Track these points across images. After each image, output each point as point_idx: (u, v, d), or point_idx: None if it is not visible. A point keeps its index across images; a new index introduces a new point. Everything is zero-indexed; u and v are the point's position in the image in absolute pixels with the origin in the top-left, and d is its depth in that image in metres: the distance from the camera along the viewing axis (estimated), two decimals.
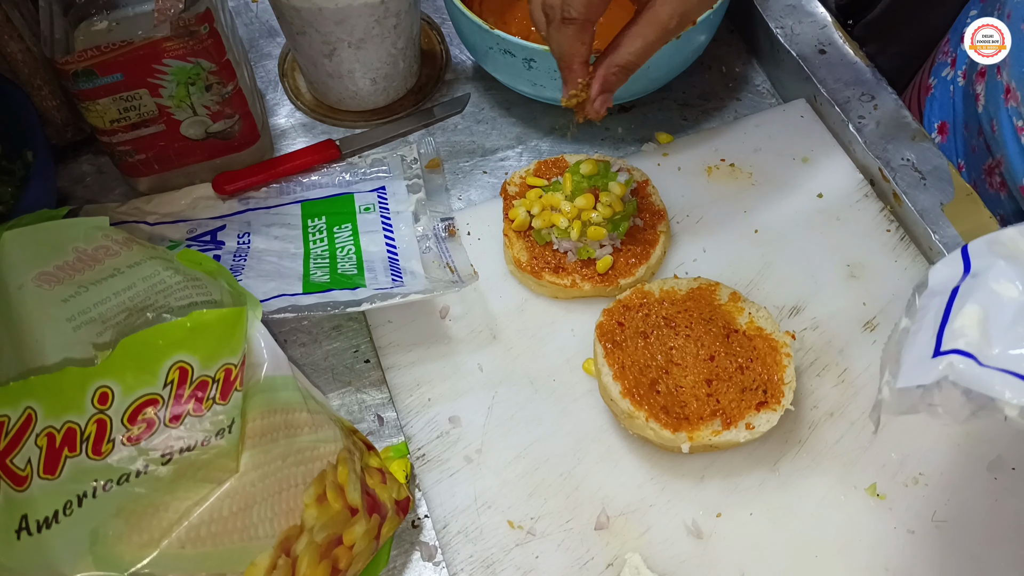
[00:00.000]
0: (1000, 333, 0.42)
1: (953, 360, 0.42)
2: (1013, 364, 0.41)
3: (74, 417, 0.45)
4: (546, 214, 0.67)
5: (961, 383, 0.42)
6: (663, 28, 0.56)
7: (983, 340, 0.42)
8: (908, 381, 0.44)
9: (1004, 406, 0.41)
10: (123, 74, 0.64)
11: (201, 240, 0.70)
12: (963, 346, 0.42)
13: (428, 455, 0.62)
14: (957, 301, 0.44)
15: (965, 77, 0.80)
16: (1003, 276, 0.44)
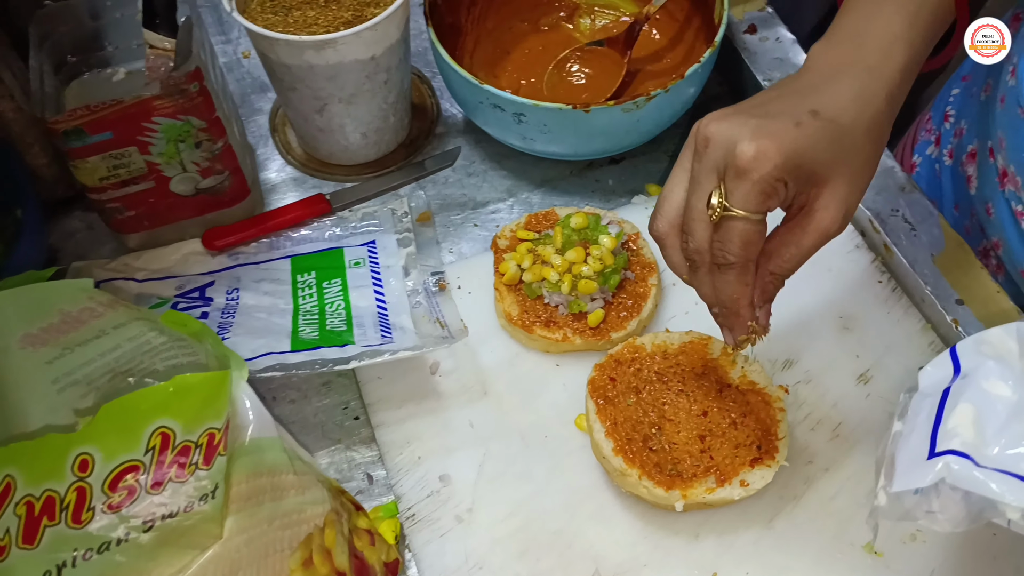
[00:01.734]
0: (995, 433, 0.42)
1: (949, 461, 0.42)
2: (1011, 464, 0.41)
3: (54, 485, 0.44)
4: (536, 268, 0.67)
5: (959, 485, 0.41)
6: (825, 235, 0.49)
7: (978, 440, 0.42)
8: (904, 485, 0.43)
9: (1006, 509, 0.40)
10: (113, 132, 0.64)
11: (190, 296, 0.69)
12: (958, 446, 0.42)
13: (418, 515, 0.61)
14: (949, 401, 0.44)
15: (952, 157, 0.79)
16: (993, 375, 0.44)
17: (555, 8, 0.86)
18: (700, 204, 0.48)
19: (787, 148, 0.46)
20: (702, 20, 0.80)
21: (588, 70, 0.81)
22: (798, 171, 0.47)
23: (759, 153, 0.45)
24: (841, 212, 0.49)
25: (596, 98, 0.79)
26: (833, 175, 0.48)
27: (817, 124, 0.47)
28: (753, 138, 0.45)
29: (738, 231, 0.47)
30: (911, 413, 0.46)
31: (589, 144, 0.74)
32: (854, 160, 0.49)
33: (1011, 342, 0.45)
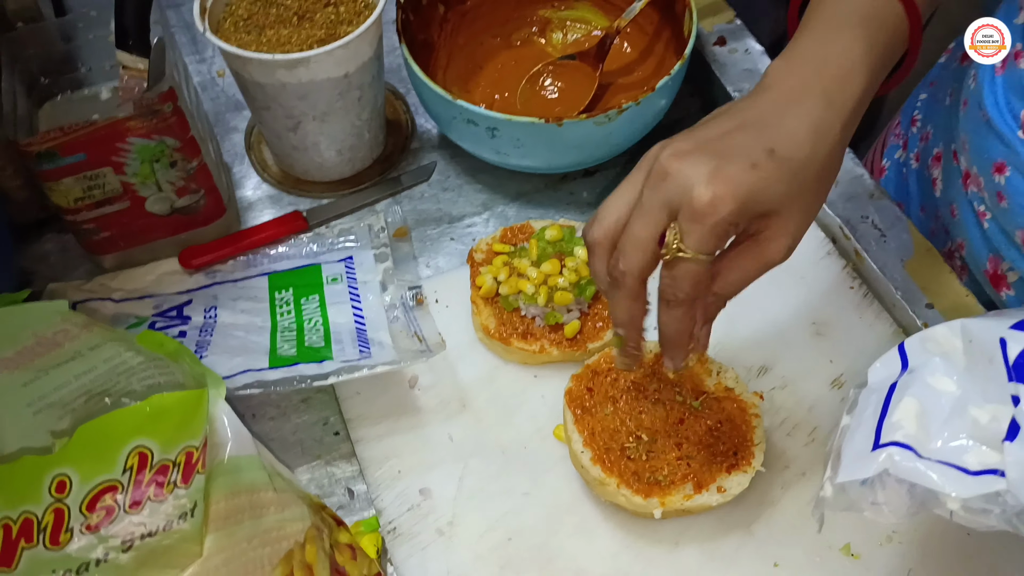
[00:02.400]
0: (938, 427, 0.43)
1: (892, 452, 0.43)
2: (953, 456, 0.42)
3: (31, 507, 0.44)
4: (513, 280, 0.67)
5: (901, 476, 0.42)
6: (770, 264, 0.50)
7: (922, 433, 0.43)
8: (848, 475, 0.44)
9: (946, 499, 0.41)
10: (87, 154, 0.64)
11: (167, 316, 0.69)
12: (901, 438, 0.43)
13: (399, 529, 0.61)
14: (895, 396, 0.45)
15: (919, 160, 0.80)
16: (938, 371, 0.45)
17: (527, 23, 0.87)
18: (643, 232, 0.48)
19: (743, 193, 0.46)
20: (672, 33, 0.81)
21: (561, 84, 0.82)
22: (752, 212, 0.48)
23: (715, 199, 0.46)
24: (788, 243, 0.50)
25: (569, 112, 0.79)
26: (784, 209, 0.49)
27: (772, 165, 0.47)
28: (710, 183, 0.46)
29: (691, 272, 0.48)
30: (859, 408, 0.47)
31: (563, 157, 0.74)
32: (806, 195, 0.50)
33: (956, 339, 0.46)
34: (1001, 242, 0.69)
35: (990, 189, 0.67)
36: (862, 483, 0.44)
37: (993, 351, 0.44)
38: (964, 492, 0.41)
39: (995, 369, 0.43)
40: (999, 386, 0.43)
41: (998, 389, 0.43)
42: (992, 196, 0.67)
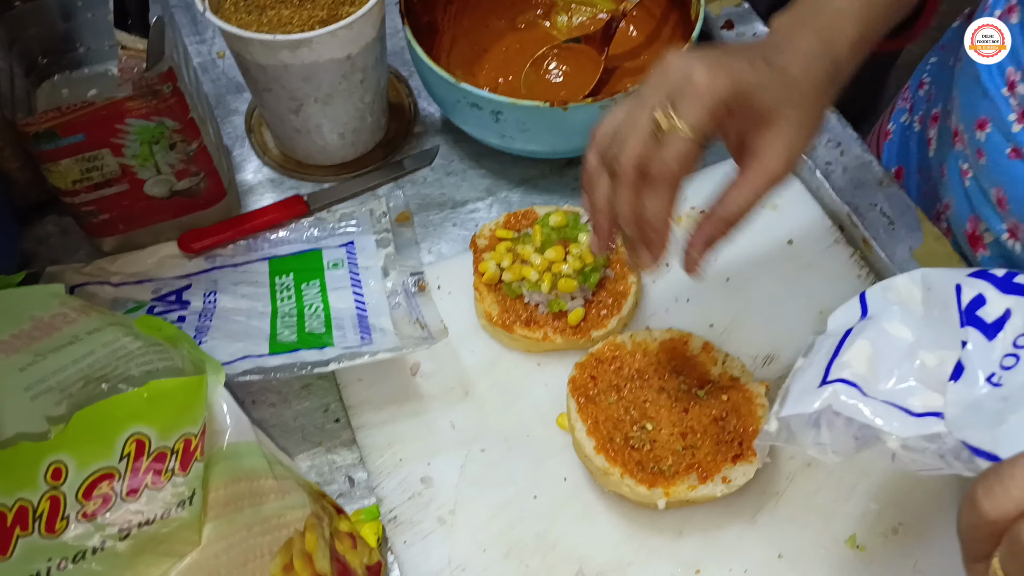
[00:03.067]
0: (888, 369, 0.43)
1: (837, 388, 0.43)
2: (898, 398, 0.42)
3: (26, 494, 0.43)
4: (516, 267, 0.66)
5: (843, 412, 0.42)
6: (772, 175, 0.52)
7: (870, 374, 0.43)
8: (793, 409, 0.44)
9: (887, 439, 0.41)
10: (85, 134, 0.63)
11: (167, 300, 0.68)
12: (848, 376, 0.43)
13: (400, 517, 0.60)
14: (849, 339, 0.45)
15: (921, 122, 0.81)
16: (895, 319, 0.45)
17: (532, 6, 0.86)
18: (642, 118, 0.50)
19: (737, 78, 0.49)
20: (679, 16, 0.80)
21: (566, 68, 0.81)
22: (746, 103, 0.50)
23: (713, 78, 0.49)
24: (785, 154, 0.52)
25: (574, 96, 0.78)
26: (778, 118, 0.51)
27: (767, 69, 0.51)
28: (708, 67, 0.49)
29: (679, 145, 0.49)
30: (814, 351, 0.47)
31: (567, 142, 0.73)
32: (800, 107, 0.52)
33: (916, 289, 0.46)
34: (980, 201, 0.69)
35: (972, 146, 0.68)
36: (807, 418, 0.44)
37: (948, 298, 0.44)
38: (905, 432, 0.41)
39: (949, 315, 0.44)
40: (951, 332, 0.43)
41: (950, 335, 0.43)
42: (974, 153, 0.68)
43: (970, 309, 0.43)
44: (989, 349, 0.41)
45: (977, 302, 0.43)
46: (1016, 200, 0.65)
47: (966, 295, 0.44)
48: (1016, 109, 0.64)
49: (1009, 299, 0.43)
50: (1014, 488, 0.34)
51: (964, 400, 0.41)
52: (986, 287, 0.44)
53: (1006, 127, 0.65)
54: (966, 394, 0.41)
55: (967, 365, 0.41)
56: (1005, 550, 0.35)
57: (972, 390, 0.41)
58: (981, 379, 0.41)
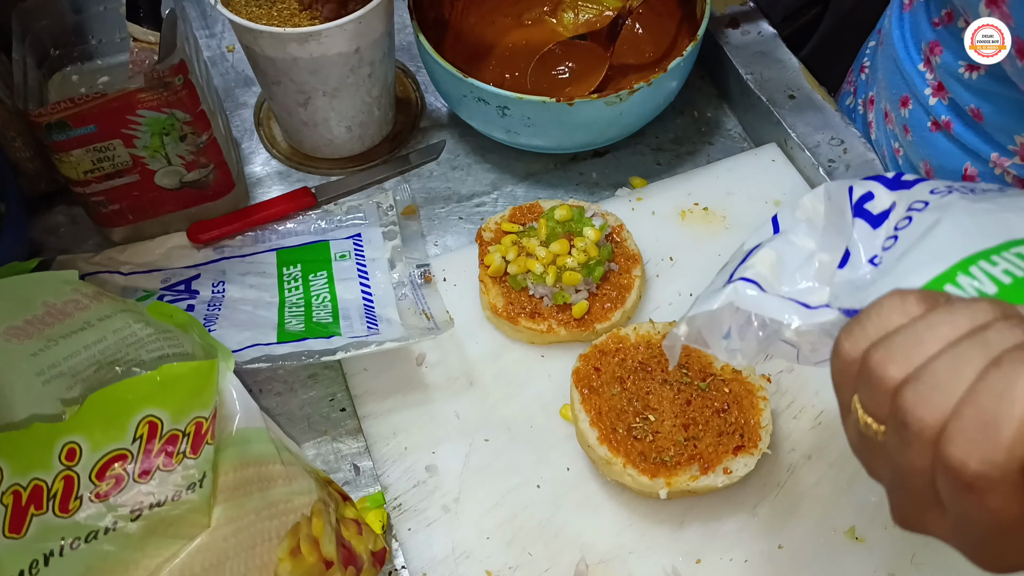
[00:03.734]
0: (789, 273, 0.45)
1: (738, 285, 0.44)
2: (796, 296, 0.43)
3: (41, 474, 0.44)
4: (521, 260, 0.67)
5: (743, 306, 0.43)
6: None
7: (772, 277, 0.45)
8: (699, 308, 0.45)
9: (785, 330, 0.42)
10: (96, 125, 0.64)
11: (175, 289, 0.69)
12: (750, 275, 0.44)
13: (405, 505, 0.61)
14: (756, 250, 0.46)
15: (864, 105, 0.83)
16: (802, 232, 0.47)
17: (538, 2, 0.87)
18: None
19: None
20: (684, 14, 0.80)
21: (572, 64, 0.81)
22: None
23: None
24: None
25: (579, 92, 0.79)
26: None
27: None
28: None
29: None
30: (725, 267, 0.48)
31: (573, 137, 0.74)
32: None
33: (820, 204, 0.47)
34: None
35: (899, 124, 0.70)
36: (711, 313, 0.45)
37: (843, 202, 0.45)
38: (800, 321, 0.42)
39: (844, 218, 0.45)
40: (845, 232, 0.44)
41: (844, 234, 0.44)
42: (901, 130, 0.70)
43: (859, 204, 0.45)
44: (873, 236, 0.43)
45: (865, 198, 0.45)
46: (941, 170, 0.68)
47: (857, 193, 0.45)
48: (931, 83, 0.67)
49: (894, 194, 0.44)
50: (869, 325, 0.35)
51: (848, 281, 0.42)
52: (875, 186, 0.45)
53: (924, 101, 0.67)
54: (851, 276, 0.42)
55: (852, 252, 0.43)
56: (860, 381, 0.35)
57: (856, 272, 0.42)
58: (864, 261, 0.42)
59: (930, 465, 0.32)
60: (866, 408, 0.35)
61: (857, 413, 0.35)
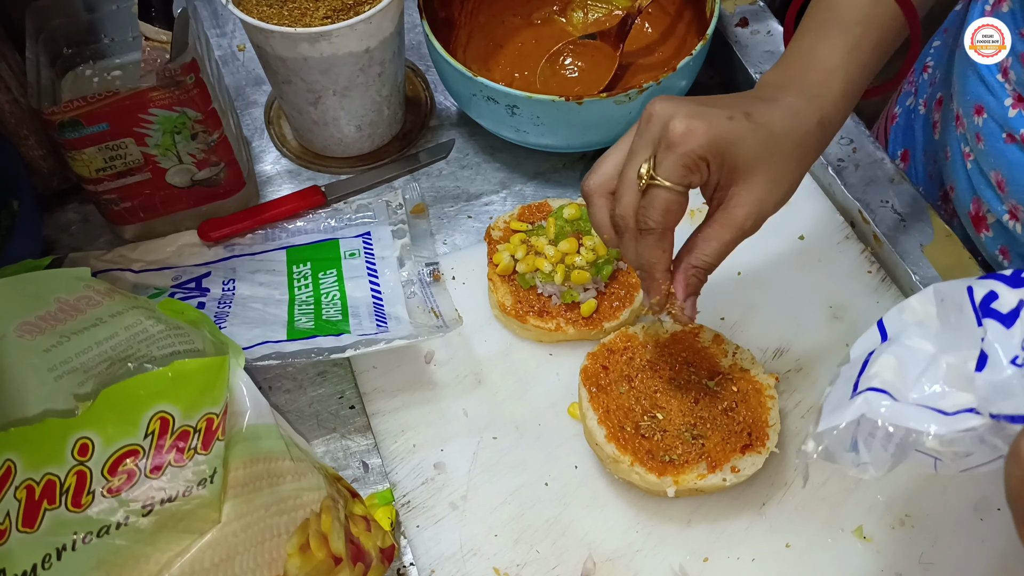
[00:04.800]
0: (915, 377, 0.44)
1: (869, 396, 0.43)
2: (929, 401, 0.43)
3: (54, 469, 0.44)
4: (530, 258, 0.67)
5: (877, 417, 0.43)
6: (739, 230, 0.53)
7: (899, 383, 0.44)
8: (828, 423, 0.44)
9: (925, 438, 0.41)
10: (109, 124, 0.64)
11: (186, 287, 0.70)
12: (878, 384, 0.44)
13: (413, 502, 0.61)
14: (873, 357, 0.46)
15: (926, 105, 0.82)
16: (916, 335, 0.45)
17: (548, 2, 0.87)
18: (632, 173, 0.52)
19: (714, 132, 0.50)
20: (694, 13, 0.80)
21: (581, 63, 0.81)
22: (721, 157, 0.51)
23: (688, 130, 0.49)
24: (755, 210, 0.52)
25: (589, 91, 0.79)
26: (752, 174, 0.52)
27: (748, 124, 0.51)
28: (687, 117, 0.50)
29: (661, 199, 0.51)
30: (840, 377, 0.47)
31: (582, 136, 0.74)
32: (776, 165, 0.52)
33: (930, 306, 0.47)
34: (980, 183, 0.70)
35: (971, 130, 0.69)
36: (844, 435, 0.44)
37: (962, 302, 0.44)
38: (941, 429, 0.41)
39: (965, 318, 0.44)
40: (970, 332, 0.43)
41: (969, 335, 0.43)
42: (972, 137, 0.69)
43: (984, 303, 0.44)
44: (1009, 336, 0.42)
45: (990, 297, 0.44)
46: (1014, 183, 0.66)
47: (978, 294, 0.44)
48: (1011, 94, 0.65)
49: (1020, 292, 0.43)
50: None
51: (992, 384, 0.41)
52: (996, 284, 0.44)
53: (1001, 112, 0.66)
54: (993, 379, 0.41)
55: (990, 354, 0.42)
56: None
57: (999, 374, 0.41)
58: (1005, 362, 0.41)
59: None
60: None
61: None
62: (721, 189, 0.53)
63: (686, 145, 0.49)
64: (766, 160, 0.52)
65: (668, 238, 0.53)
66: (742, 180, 0.52)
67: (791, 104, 0.53)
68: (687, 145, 0.49)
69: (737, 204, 0.52)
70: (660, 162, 0.50)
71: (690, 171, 0.50)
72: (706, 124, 0.49)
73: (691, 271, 0.54)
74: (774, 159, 0.52)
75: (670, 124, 0.50)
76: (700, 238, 0.54)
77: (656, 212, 0.51)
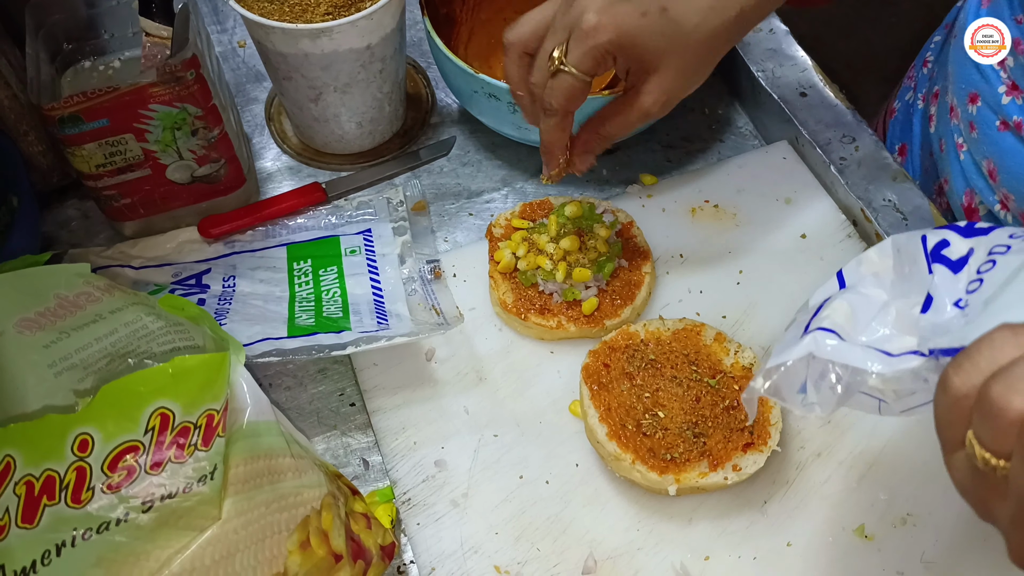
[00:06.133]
0: (865, 322, 0.44)
1: (817, 335, 0.44)
2: (876, 344, 0.43)
3: (53, 465, 0.44)
4: (531, 256, 0.67)
5: (824, 355, 0.43)
6: (644, 115, 0.59)
7: (849, 326, 0.44)
8: (776, 360, 0.45)
9: (868, 377, 0.42)
10: (109, 119, 0.64)
11: (186, 284, 0.69)
12: (828, 325, 0.44)
13: (414, 499, 0.61)
14: (827, 303, 0.46)
15: (924, 100, 0.82)
16: (871, 284, 0.46)
17: None
18: (545, 54, 0.57)
19: (623, 29, 0.54)
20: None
21: None
22: (629, 51, 0.55)
23: (598, 25, 0.54)
24: (662, 99, 0.58)
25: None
26: (662, 66, 0.56)
27: (660, 20, 0.54)
28: (599, 12, 0.54)
29: (566, 84, 0.56)
30: (795, 322, 0.47)
31: None
32: (685, 58, 0.56)
33: (888, 258, 0.47)
34: (973, 173, 0.70)
35: (965, 119, 0.69)
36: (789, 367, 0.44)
37: (916, 252, 0.45)
38: (884, 369, 0.42)
39: (918, 267, 0.45)
40: (921, 280, 0.44)
41: (920, 283, 0.44)
42: (966, 126, 0.69)
43: (935, 251, 0.45)
44: (955, 280, 0.42)
45: (941, 245, 0.45)
46: (1005, 171, 0.67)
47: (931, 242, 0.45)
48: (1005, 82, 0.65)
49: (971, 240, 0.44)
50: (981, 360, 0.35)
51: (933, 324, 0.42)
52: (949, 234, 0.45)
53: (995, 99, 0.66)
54: (936, 320, 0.42)
55: (935, 297, 0.42)
56: (977, 415, 0.35)
57: (941, 316, 0.42)
58: (949, 305, 0.42)
59: None
60: (984, 443, 0.35)
61: (973, 449, 0.35)
62: (633, 75, 0.58)
63: (594, 39, 0.54)
64: (675, 54, 0.56)
65: (569, 119, 0.60)
66: (650, 71, 0.57)
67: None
68: (595, 39, 0.54)
69: (646, 92, 0.58)
70: (571, 49, 0.55)
71: (596, 63, 0.55)
72: (616, 20, 0.54)
73: (594, 136, 0.61)
74: (685, 53, 0.56)
75: (584, 15, 0.54)
76: (612, 112, 0.60)
77: (560, 96, 0.57)
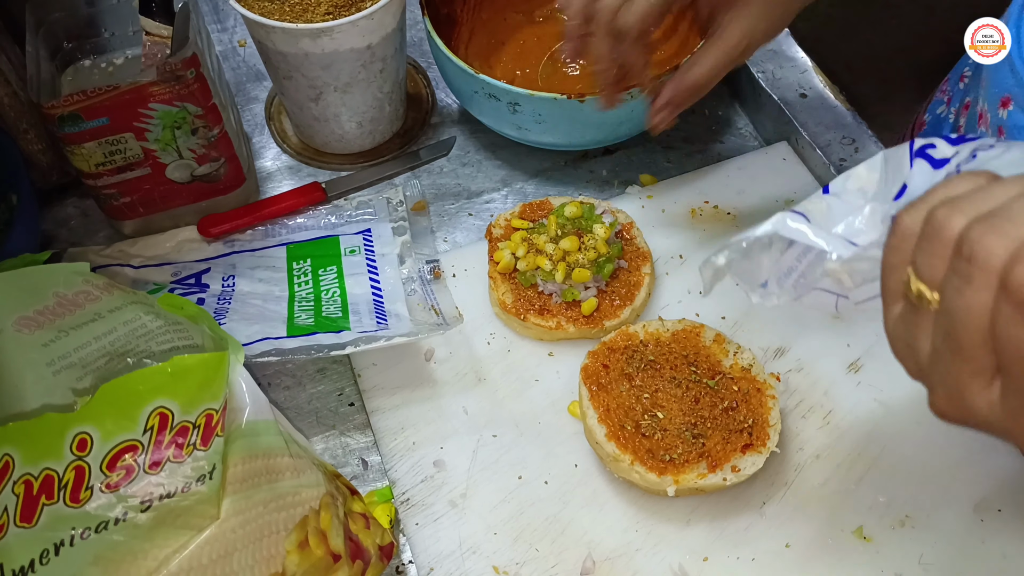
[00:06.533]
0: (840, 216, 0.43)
1: (785, 214, 0.43)
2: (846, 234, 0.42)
3: (52, 464, 0.44)
4: (531, 256, 0.67)
5: (789, 236, 0.42)
6: (730, 54, 0.60)
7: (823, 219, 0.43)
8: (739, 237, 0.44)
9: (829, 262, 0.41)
10: (109, 118, 0.64)
11: (186, 283, 0.69)
12: (800, 209, 0.43)
13: (412, 499, 0.61)
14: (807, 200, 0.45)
15: (956, 112, 0.82)
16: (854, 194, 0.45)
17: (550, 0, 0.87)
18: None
19: None
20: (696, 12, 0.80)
21: (583, 61, 0.81)
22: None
23: None
24: (746, 36, 0.59)
25: (591, 89, 0.79)
26: (743, 3, 0.58)
27: None
28: None
29: (641, 8, 0.57)
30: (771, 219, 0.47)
31: (584, 134, 0.74)
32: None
33: (875, 172, 0.46)
34: None
35: (994, 124, 0.69)
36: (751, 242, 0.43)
37: (903, 157, 0.44)
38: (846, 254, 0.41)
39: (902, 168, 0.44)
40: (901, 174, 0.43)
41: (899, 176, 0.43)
42: (994, 132, 0.69)
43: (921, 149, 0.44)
44: (933, 175, 0.42)
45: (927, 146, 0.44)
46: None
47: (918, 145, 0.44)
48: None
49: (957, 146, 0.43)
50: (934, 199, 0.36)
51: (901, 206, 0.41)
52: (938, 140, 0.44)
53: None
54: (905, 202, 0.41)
55: (910, 185, 0.42)
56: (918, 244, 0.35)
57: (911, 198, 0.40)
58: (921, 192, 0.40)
59: (991, 303, 0.33)
60: (921, 274, 0.35)
61: (909, 284, 0.36)
62: (715, 15, 0.60)
63: None
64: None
65: (642, 39, 0.60)
66: (733, 8, 0.58)
67: None
68: None
69: (729, 30, 0.59)
70: None
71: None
72: None
73: (681, 89, 0.62)
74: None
75: None
76: (693, 60, 0.61)
77: (635, 18, 0.57)
